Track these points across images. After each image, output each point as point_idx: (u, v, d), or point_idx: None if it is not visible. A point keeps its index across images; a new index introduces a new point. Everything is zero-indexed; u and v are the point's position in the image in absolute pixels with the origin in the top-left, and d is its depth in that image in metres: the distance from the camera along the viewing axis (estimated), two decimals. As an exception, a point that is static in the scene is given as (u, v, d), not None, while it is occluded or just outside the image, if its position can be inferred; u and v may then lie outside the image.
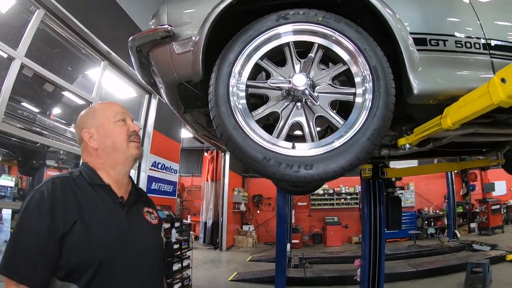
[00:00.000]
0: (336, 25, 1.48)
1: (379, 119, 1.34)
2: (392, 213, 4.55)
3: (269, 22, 1.56)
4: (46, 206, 1.09)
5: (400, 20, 1.52)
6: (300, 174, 1.33)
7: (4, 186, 9.22)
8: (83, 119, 1.37)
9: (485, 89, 1.31)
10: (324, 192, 14.58)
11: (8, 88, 3.33)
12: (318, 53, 1.52)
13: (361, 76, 1.44)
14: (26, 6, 3.57)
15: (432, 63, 1.55)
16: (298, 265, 8.31)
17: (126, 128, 1.36)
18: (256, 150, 1.40)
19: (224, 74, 1.53)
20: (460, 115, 1.49)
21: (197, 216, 14.20)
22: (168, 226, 6.09)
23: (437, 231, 12.48)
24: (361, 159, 1.32)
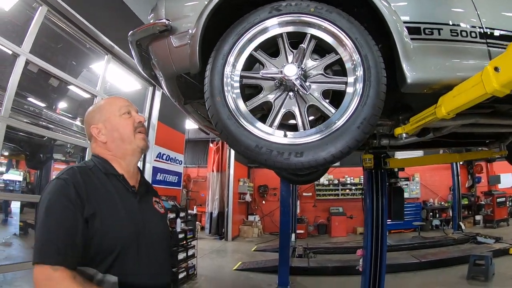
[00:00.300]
0: (328, 15, 1.49)
1: (369, 108, 1.35)
2: (395, 203, 4.56)
3: (262, 14, 1.58)
4: (72, 191, 1.12)
5: (393, 9, 1.52)
6: (290, 161, 1.36)
7: (12, 180, 9.41)
8: (90, 116, 1.43)
9: (478, 78, 1.30)
10: (329, 183, 14.60)
11: (14, 84, 3.42)
12: (310, 43, 1.54)
13: (352, 65, 1.45)
14: (29, 3, 3.62)
15: (427, 52, 1.54)
16: (302, 255, 8.39)
17: (131, 120, 1.41)
18: (248, 139, 1.44)
19: (218, 66, 1.56)
20: (454, 105, 1.49)
21: (203, 207, 14.34)
22: (173, 216, 6.19)
23: (442, 223, 12.41)
24: (351, 147, 1.34)
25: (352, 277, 5.56)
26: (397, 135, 2.09)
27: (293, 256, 8.26)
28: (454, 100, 1.49)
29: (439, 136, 2.54)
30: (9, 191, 8.63)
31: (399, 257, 7.65)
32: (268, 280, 6.57)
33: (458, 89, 1.46)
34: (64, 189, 1.13)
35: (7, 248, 6.64)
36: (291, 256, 8.11)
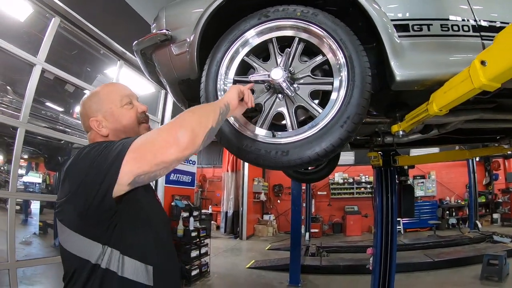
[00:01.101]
0: (314, 18, 1.53)
1: (353, 107, 1.38)
2: (405, 201, 4.52)
3: (252, 21, 1.65)
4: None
5: (381, 7, 1.54)
6: (277, 159, 1.43)
7: (32, 182, 9.75)
8: (87, 105, 1.31)
9: (466, 73, 1.28)
10: (344, 181, 14.51)
11: (31, 92, 3.63)
12: (299, 46, 1.59)
13: (337, 66, 1.49)
14: (42, 13, 3.82)
15: (416, 49, 1.54)
16: (315, 253, 8.42)
17: (134, 111, 1.34)
18: (239, 139, 1.52)
19: (212, 72, 1.66)
20: (445, 101, 1.48)
21: (219, 206, 14.55)
22: (186, 215, 6.34)
23: (458, 222, 12.16)
24: (336, 146, 1.37)
25: (364, 276, 5.58)
26: (394, 133, 2.10)
27: (306, 254, 8.31)
28: (445, 96, 1.47)
29: (444, 132, 2.55)
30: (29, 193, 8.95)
31: (412, 256, 7.58)
32: (280, 278, 6.64)
33: (448, 85, 1.45)
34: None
35: (27, 247, 6.89)
36: (304, 254, 8.16)
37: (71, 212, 1.06)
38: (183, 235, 6.15)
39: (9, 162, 7.75)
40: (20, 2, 3.63)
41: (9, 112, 4.88)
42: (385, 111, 2.21)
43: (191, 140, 1.00)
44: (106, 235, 1.07)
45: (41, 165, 9.49)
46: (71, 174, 1.08)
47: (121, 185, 0.99)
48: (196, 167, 8.10)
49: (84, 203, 1.01)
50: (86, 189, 1.01)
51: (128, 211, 1.12)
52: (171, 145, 0.97)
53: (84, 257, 1.06)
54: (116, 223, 1.08)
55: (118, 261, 1.08)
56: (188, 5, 1.86)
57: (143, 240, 1.17)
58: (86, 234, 1.06)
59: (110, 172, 0.98)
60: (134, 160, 0.98)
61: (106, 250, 1.07)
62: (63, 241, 1.11)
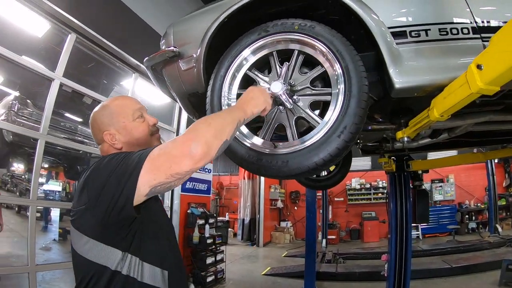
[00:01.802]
0: (311, 30, 1.57)
1: (350, 117, 1.39)
2: (419, 206, 4.46)
3: (252, 36, 1.71)
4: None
5: (378, 17, 1.54)
6: (279, 169, 1.46)
7: (52, 190, 10.11)
8: (99, 120, 1.35)
9: (464, 78, 1.25)
10: (361, 187, 14.37)
11: (51, 106, 3.82)
12: (299, 58, 1.63)
13: (335, 76, 1.51)
14: (59, 30, 4.01)
15: (415, 55, 1.53)
16: (331, 260, 8.33)
17: (146, 124, 1.39)
18: (243, 150, 1.57)
19: (217, 87, 1.72)
20: (445, 106, 1.45)
21: (236, 214, 14.65)
22: (202, 222, 6.42)
23: (478, 226, 11.73)
24: (333, 156, 1.39)
25: (380, 283, 5.46)
26: (399, 139, 2.11)
27: (322, 261, 8.25)
28: (445, 102, 1.45)
29: (455, 136, 2.53)
30: (49, 200, 9.28)
31: (429, 262, 7.42)
32: (295, 285, 6.62)
33: (447, 90, 1.42)
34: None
35: (47, 252, 7.16)
36: (320, 261, 8.10)
37: (90, 220, 1.09)
38: (199, 242, 6.22)
39: (30, 171, 8.07)
40: (37, 19, 3.82)
41: (29, 124, 5.13)
42: (389, 117, 2.21)
43: (204, 153, 1.02)
44: (126, 242, 1.12)
45: (61, 174, 9.85)
46: (90, 183, 1.12)
47: (139, 195, 1.03)
48: (212, 175, 8.18)
49: (105, 212, 1.05)
50: (107, 199, 1.04)
51: (144, 219, 1.17)
52: (185, 157, 1.00)
53: (103, 263, 1.10)
54: (136, 230, 1.14)
55: (138, 267, 1.14)
56: (194, 21, 1.93)
57: (159, 246, 1.24)
58: (106, 241, 1.10)
59: (129, 182, 1.02)
60: (150, 171, 1.01)
61: (126, 257, 1.12)
62: (79, 248, 1.14)
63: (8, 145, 5.64)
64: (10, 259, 5.92)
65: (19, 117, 5.20)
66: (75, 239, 1.16)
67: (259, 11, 1.79)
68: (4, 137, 5.51)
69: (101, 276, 1.10)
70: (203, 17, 1.87)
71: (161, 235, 1.29)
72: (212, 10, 1.85)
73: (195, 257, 6.24)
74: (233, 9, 1.73)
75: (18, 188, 9.91)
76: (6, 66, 4.54)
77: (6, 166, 8.15)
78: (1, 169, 8.92)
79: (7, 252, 6.33)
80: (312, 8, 1.77)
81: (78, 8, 3.91)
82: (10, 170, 10.16)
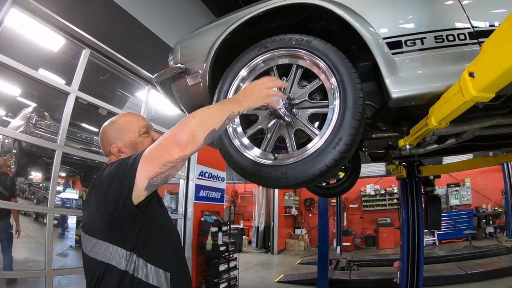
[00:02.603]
0: (308, 45, 1.62)
1: (345, 129, 1.43)
2: (431, 212, 4.42)
3: (253, 52, 1.77)
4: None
5: (375, 29, 1.57)
6: (278, 180, 1.51)
7: (69, 198, 10.38)
8: (108, 134, 1.48)
9: (457, 86, 1.25)
10: (376, 193, 14.19)
11: (67, 118, 3.99)
12: (297, 72, 1.68)
13: (331, 89, 1.55)
14: (74, 44, 4.19)
15: (411, 64, 1.53)
16: (345, 267, 8.26)
17: (150, 139, 1.51)
18: (244, 162, 1.63)
19: None
20: (442, 114, 1.45)
21: (251, 221, 14.68)
22: (215, 230, 6.48)
23: (496, 230, 11.34)
24: (330, 167, 1.43)
25: (392, 290, 5.45)
26: (401, 147, 2.13)
27: (336, 268, 8.19)
28: (441, 110, 1.45)
29: (462, 141, 2.51)
30: (66, 208, 9.51)
31: (444, 268, 7.27)
32: (308, 292, 6.59)
33: (443, 98, 1.42)
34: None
35: (63, 258, 7.38)
36: (334, 268, 8.05)
37: (99, 221, 1.20)
38: (212, 249, 6.28)
39: (47, 180, 8.33)
40: (52, 35, 4.00)
41: (47, 135, 5.35)
42: (392, 125, 2.24)
43: (190, 140, 1.11)
44: (131, 241, 1.21)
45: (77, 182, 10.12)
46: (96, 189, 1.24)
47: (139, 189, 1.13)
48: (227, 183, 8.22)
49: (110, 210, 1.16)
50: (111, 198, 1.15)
51: (148, 222, 1.26)
52: (172, 145, 1.10)
53: (112, 262, 1.19)
54: (140, 229, 1.23)
55: (143, 268, 1.23)
56: (199, 38, 2.02)
57: (162, 248, 1.33)
58: (113, 240, 1.20)
59: (128, 178, 1.13)
60: (146, 163, 1.12)
61: (132, 258, 1.21)
62: (89, 251, 1.24)
63: (26, 155, 5.89)
64: (27, 264, 6.11)
65: (37, 128, 5.46)
66: (85, 243, 1.26)
67: (260, 26, 1.86)
68: (22, 148, 5.76)
69: (110, 274, 1.19)
70: (208, 33, 1.96)
71: (165, 239, 1.38)
72: (216, 27, 1.94)
73: (208, 264, 6.30)
74: (236, 25, 1.81)
75: (36, 196, 10.21)
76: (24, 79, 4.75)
77: (24, 175, 8.43)
78: (20, 177, 9.21)
79: (25, 257, 6.52)
80: (313, 21, 1.83)
81: (92, 25, 4.09)
82: (28, 178, 10.49)
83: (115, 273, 1.19)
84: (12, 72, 3.57)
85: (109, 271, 1.19)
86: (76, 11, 3.93)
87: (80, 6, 3.97)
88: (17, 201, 5.09)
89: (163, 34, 4.89)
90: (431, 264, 7.41)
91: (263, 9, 1.75)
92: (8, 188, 4.89)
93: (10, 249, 4.90)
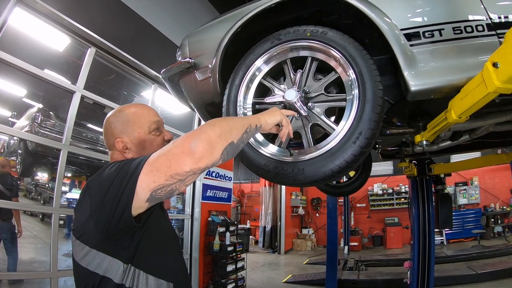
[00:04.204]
0: (323, 36, 1.56)
1: (365, 123, 1.37)
2: (442, 211, 4.34)
3: (266, 45, 1.71)
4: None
5: (391, 19, 1.51)
6: (294, 177, 1.45)
7: (75, 199, 10.39)
8: (113, 126, 1.29)
9: (480, 77, 1.22)
10: (383, 192, 14.04)
11: (72, 117, 3.95)
12: (312, 65, 1.62)
13: (349, 82, 1.49)
14: (79, 44, 4.16)
15: (429, 56, 1.48)
16: (353, 267, 8.18)
17: (161, 138, 1.34)
18: (259, 158, 1.57)
19: (232, 96, 1.73)
20: (463, 107, 1.41)
21: (257, 221, 14.64)
22: (223, 230, 6.43)
23: (504, 229, 11.18)
24: (349, 162, 1.37)
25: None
26: (417, 143, 2.06)
27: (344, 269, 8.11)
28: (462, 103, 1.41)
29: (477, 137, 2.45)
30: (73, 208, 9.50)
31: (454, 268, 7.18)
32: (316, 293, 6.52)
33: (464, 90, 1.38)
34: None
35: (69, 259, 7.24)
36: (342, 269, 7.98)
37: (92, 228, 1.04)
38: (220, 249, 6.22)
39: (53, 180, 8.32)
40: (58, 34, 3.97)
41: (52, 135, 5.32)
42: (407, 121, 2.17)
43: (206, 151, 0.94)
44: (129, 253, 1.08)
45: (83, 183, 10.13)
46: (92, 191, 1.08)
47: (139, 200, 0.97)
48: (234, 183, 8.18)
49: (105, 219, 1.00)
50: (107, 206, 1.00)
51: (149, 232, 1.14)
52: (184, 154, 0.92)
53: (105, 274, 1.06)
54: (138, 242, 1.10)
55: (143, 280, 1.10)
56: (208, 32, 1.96)
57: (165, 258, 1.21)
58: (108, 251, 1.06)
59: (127, 187, 0.97)
60: (150, 173, 0.95)
61: (130, 269, 1.08)
62: (80, 259, 1.09)
63: (32, 155, 5.88)
64: (33, 264, 6.11)
65: (42, 128, 5.43)
66: (76, 249, 1.11)
67: (271, 19, 1.81)
68: (28, 148, 5.74)
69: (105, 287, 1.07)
70: (217, 27, 1.90)
71: (167, 247, 1.27)
72: (226, 20, 1.89)
73: (215, 265, 6.25)
74: (247, 18, 1.75)
75: (42, 197, 10.22)
76: (29, 79, 4.74)
77: (30, 175, 8.43)
78: (26, 178, 9.23)
79: (31, 257, 6.50)
80: (325, 14, 1.77)
81: (97, 23, 4.06)
82: (34, 179, 10.52)
83: (110, 286, 1.06)
84: (17, 72, 3.54)
85: (104, 284, 1.06)
86: (80, 10, 3.92)
87: (85, 5, 3.96)
88: (18, 200, 5.04)
89: (169, 32, 4.87)
90: (440, 264, 7.32)
91: (276, 0, 1.68)
92: (10, 188, 4.85)
93: (14, 250, 4.88)
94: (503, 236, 10.87)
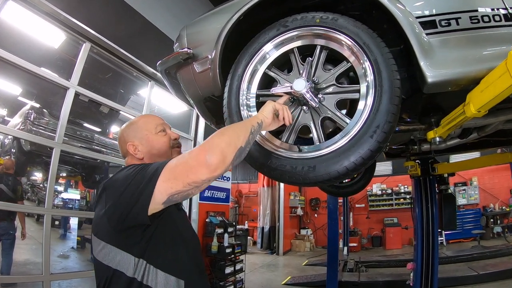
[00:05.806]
0: (334, 23, 1.46)
1: (382, 115, 1.26)
2: (446, 211, 4.25)
3: (271, 33, 1.60)
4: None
5: (405, 6, 1.42)
6: (304, 175, 1.34)
7: (71, 199, 10.28)
8: (125, 133, 1.44)
9: (504, 67, 1.16)
10: (383, 192, 13.98)
11: (66, 114, 3.81)
12: (321, 54, 1.51)
13: (362, 71, 1.39)
14: (74, 40, 4.04)
15: (446, 46, 1.40)
16: (353, 269, 8.10)
17: (167, 137, 1.46)
18: (263, 155, 1.45)
19: (234, 88, 1.61)
20: (483, 100, 1.34)
21: (255, 222, 14.56)
22: (221, 231, 6.32)
23: (504, 230, 11.11)
24: (365, 158, 1.26)
25: (404, 292, 5.26)
26: (430, 140, 1.96)
27: (344, 270, 8.04)
28: (482, 96, 1.33)
29: (484, 135, 2.38)
30: (68, 209, 9.40)
31: (455, 269, 7.13)
32: (317, 295, 6.42)
33: (485, 82, 1.31)
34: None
35: (64, 260, 7.19)
36: (342, 270, 7.90)
37: (106, 225, 1.14)
38: (218, 251, 6.11)
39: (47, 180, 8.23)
40: (53, 30, 3.85)
41: (46, 133, 5.19)
42: (419, 117, 2.07)
43: (220, 161, 1.06)
44: (140, 248, 1.15)
45: (79, 183, 10.02)
46: (109, 191, 1.19)
47: (156, 203, 1.07)
48: (231, 183, 8.10)
49: (119, 217, 1.10)
50: (123, 205, 1.10)
51: (162, 228, 1.20)
52: (201, 167, 1.04)
53: (118, 268, 1.13)
54: (151, 237, 1.16)
55: (153, 275, 1.15)
56: (208, 22, 1.85)
57: (177, 255, 1.25)
58: (120, 246, 1.14)
59: (146, 191, 1.07)
60: (168, 180, 1.06)
61: (141, 264, 1.14)
62: (97, 253, 1.19)
63: (25, 154, 5.75)
64: (27, 266, 6.00)
65: (36, 126, 5.29)
66: (94, 245, 1.21)
67: (274, 8, 1.71)
68: (22, 146, 5.62)
69: (117, 281, 1.14)
70: (218, 16, 1.79)
71: (181, 244, 1.29)
72: (227, 9, 1.78)
73: (213, 267, 6.12)
74: (248, 6, 1.64)
75: (37, 197, 10.12)
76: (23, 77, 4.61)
77: (24, 174, 8.32)
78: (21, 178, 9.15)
79: (25, 259, 6.40)
80: (329, 6, 1.65)
81: (93, 18, 3.94)
82: (30, 179, 10.41)
83: (123, 279, 1.13)
84: (11, 68, 3.43)
85: (116, 278, 1.14)
86: (76, 5, 3.79)
87: (81, 0, 3.83)
88: (24, 203, 4.91)
89: (166, 28, 4.77)
90: (441, 265, 7.18)
91: None
92: (15, 191, 4.75)
93: (11, 252, 4.77)
94: (503, 236, 10.83)
